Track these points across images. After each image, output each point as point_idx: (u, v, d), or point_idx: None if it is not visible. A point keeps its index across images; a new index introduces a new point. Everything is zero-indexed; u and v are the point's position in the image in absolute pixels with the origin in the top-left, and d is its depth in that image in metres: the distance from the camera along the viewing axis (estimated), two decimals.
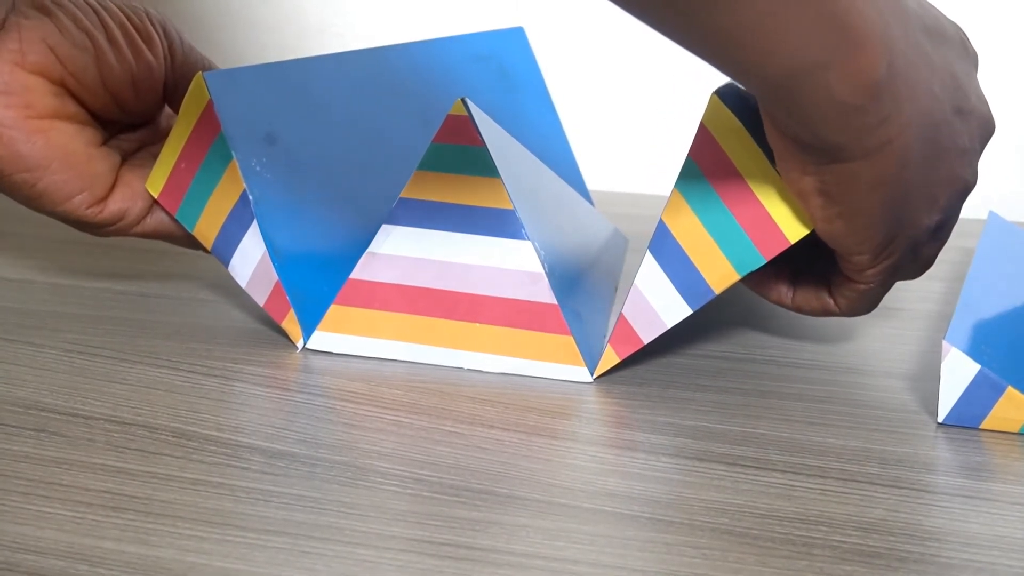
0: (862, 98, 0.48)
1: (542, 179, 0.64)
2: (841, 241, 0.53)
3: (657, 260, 0.55)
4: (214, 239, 0.61)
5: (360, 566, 0.42)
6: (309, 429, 0.52)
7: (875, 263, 0.53)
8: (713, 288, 0.55)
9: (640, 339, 0.56)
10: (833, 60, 0.47)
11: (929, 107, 0.51)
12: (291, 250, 0.60)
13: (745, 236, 0.54)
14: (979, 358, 0.52)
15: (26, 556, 0.42)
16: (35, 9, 0.59)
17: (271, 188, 0.60)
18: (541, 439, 0.52)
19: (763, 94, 0.49)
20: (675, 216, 0.55)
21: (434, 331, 0.57)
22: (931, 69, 0.51)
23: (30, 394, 0.54)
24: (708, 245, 0.54)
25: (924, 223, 0.53)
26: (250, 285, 0.60)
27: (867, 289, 0.55)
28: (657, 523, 0.45)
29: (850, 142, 0.49)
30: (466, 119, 0.56)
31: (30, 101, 0.59)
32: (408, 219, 0.57)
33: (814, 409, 0.55)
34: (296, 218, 0.61)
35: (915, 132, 0.50)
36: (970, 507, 0.47)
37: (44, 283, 0.68)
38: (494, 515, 0.45)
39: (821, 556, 0.43)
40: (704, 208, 0.54)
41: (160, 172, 0.62)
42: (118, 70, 0.61)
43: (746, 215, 0.54)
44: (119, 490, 0.46)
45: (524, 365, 0.57)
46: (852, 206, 0.51)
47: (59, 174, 0.60)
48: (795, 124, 0.50)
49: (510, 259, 0.56)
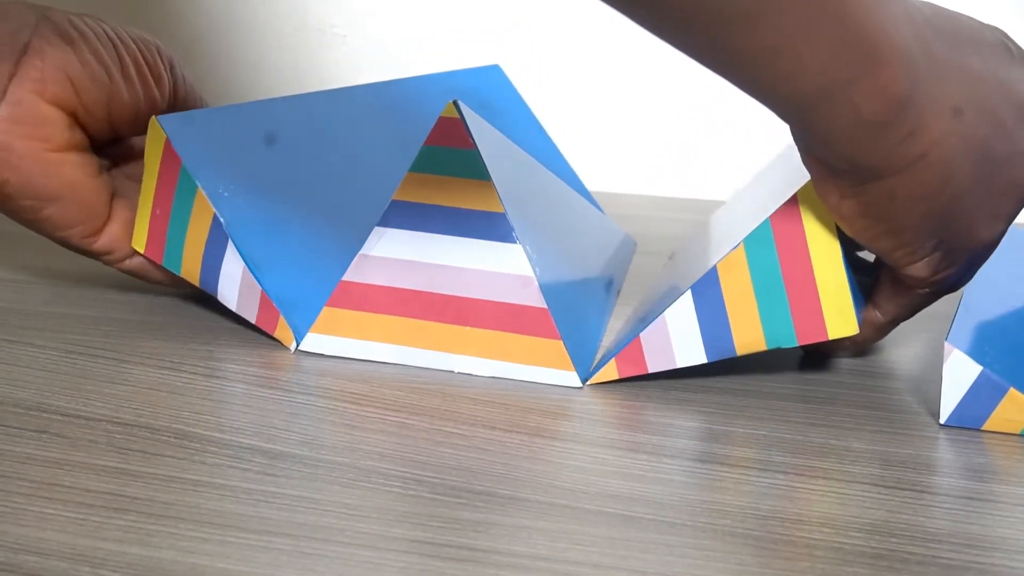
0: (887, 114, 0.48)
1: (539, 182, 0.64)
2: (894, 257, 0.53)
3: (695, 302, 0.55)
4: (199, 273, 0.61)
5: (362, 567, 0.42)
6: (311, 430, 0.52)
7: (934, 275, 0.53)
8: (736, 349, 0.55)
9: (646, 366, 0.56)
10: (856, 78, 0.47)
11: (974, 119, 0.50)
12: (270, 260, 0.60)
13: (789, 316, 0.54)
14: (981, 359, 0.51)
15: (28, 557, 0.42)
16: (59, 36, 0.60)
17: (241, 210, 0.61)
18: (543, 440, 0.52)
19: (789, 115, 0.49)
20: (730, 269, 0.55)
21: (425, 334, 0.57)
22: (970, 81, 0.50)
23: (32, 395, 0.54)
24: (750, 309, 0.55)
25: (983, 236, 0.53)
26: (239, 305, 0.60)
27: (922, 295, 0.55)
28: (659, 524, 0.45)
29: (879, 161, 0.49)
30: (458, 121, 0.56)
31: (49, 135, 0.60)
32: (400, 221, 0.57)
33: (816, 410, 0.55)
34: (271, 232, 0.61)
35: (956, 144, 0.49)
36: (972, 508, 0.47)
37: (46, 284, 0.68)
38: (496, 516, 0.45)
39: (823, 558, 0.43)
40: (761, 274, 0.54)
41: (140, 227, 0.63)
42: (127, 104, 0.62)
43: (798, 298, 0.54)
44: (121, 491, 0.46)
45: (514, 369, 0.57)
46: (897, 223, 0.51)
47: (66, 205, 0.61)
48: (822, 146, 0.50)
49: (501, 262, 0.56)
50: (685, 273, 0.61)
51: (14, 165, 0.59)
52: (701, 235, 0.72)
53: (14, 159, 0.59)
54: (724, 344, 0.55)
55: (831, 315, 0.54)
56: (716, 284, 0.55)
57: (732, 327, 0.55)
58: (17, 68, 0.59)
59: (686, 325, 0.55)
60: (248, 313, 0.60)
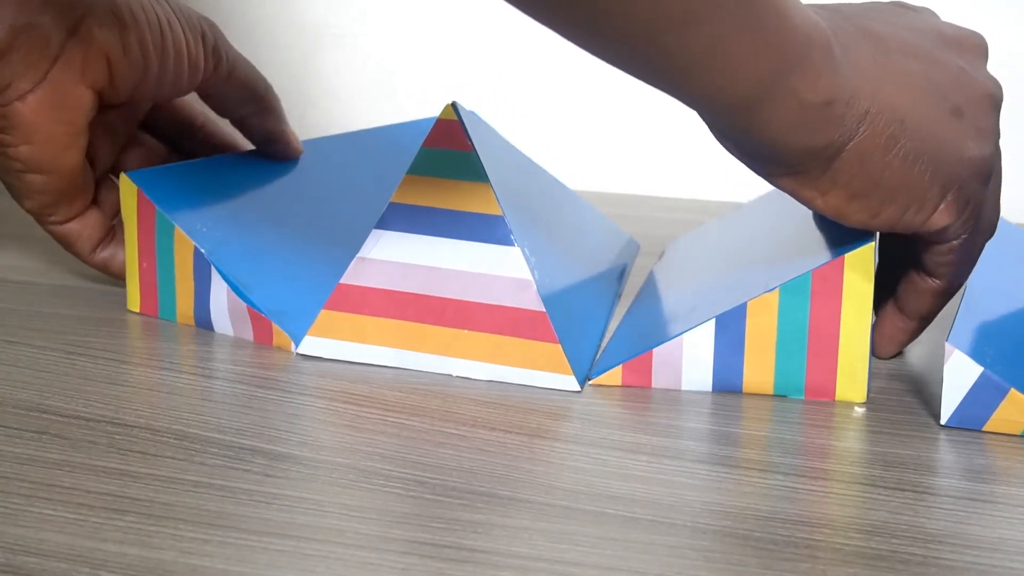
0: (828, 92, 0.49)
1: (537, 184, 0.64)
2: (908, 222, 0.53)
3: (716, 332, 0.55)
4: (192, 312, 0.62)
5: (362, 568, 0.42)
6: (311, 431, 0.52)
7: (959, 216, 0.53)
8: (744, 387, 0.56)
9: (651, 380, 0.56)
10: (791, 66, 0.48)
11: (900, 61, 0.52)
12: (255, 280, 0.60)
13: (803, 370, 0.55)
14: (982, 360, 0.51)
15: (27, 559, 0.42)
16: (111, 17, 0.60)
17: (221, 241, 0.62)
18: (543, 441, 0.52)
19: (733, 121, 0.50)
20: (759, 311, 0.55)
21: (423, 337, 0.57)
22: (883, 33, 0.52)
23: (32, 396, 0.54)
24: (767, 353, 0.55)
25: (978, 155, 0.53)
26: (234, 327, 0.61)
27: (959, 244, 0.54)
28: (659, 525, 0.45)
29: (832, 137, 0.50)
30: (455, 123, 0.56)
31: (75, 118, 0.60)
32: (398, 224, 0.57)
33: (817, 411, 0.55)
34: (253, 257, 0.62)
35: (893, 88, 0.51)
36: (973, 510, 0.47)
37: (46, 285, 0.68)
38: (496, 517, 0.45)
39: (824, 559, 0.43)
40: (789, 322, 0.54)
41: (132, 285, 0.64)
42: (151, 91, 0.63)
43: (817, 354, 0.55)
44: (121, 492, 0.46)
45: (512, 373, 0.57)
46: (884, 186, 0.51)
47: (61, 182, 0.61)
48: (772, 147, 0.50)
49: (499, 265, 0.56)
50: (699, 291, 0.61)
51: (33, 141, 0.60)
52: (701, 239, 0.72)
53: (38, 137, 0.60)
54: (732, 379, 0.56)
55: (844, 378, 0.55)
56: (742, 321, 0.55)
57: (745, 365, 0.55)
58: (63, 50, 0.59)
59: (701, 352, 0.55)
60: (244, 333, 0.60)
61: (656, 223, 0.82)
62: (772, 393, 0.55)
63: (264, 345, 0.60)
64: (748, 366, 0.55)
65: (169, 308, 0.62)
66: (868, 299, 0.54)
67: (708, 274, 0.64)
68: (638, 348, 0.56)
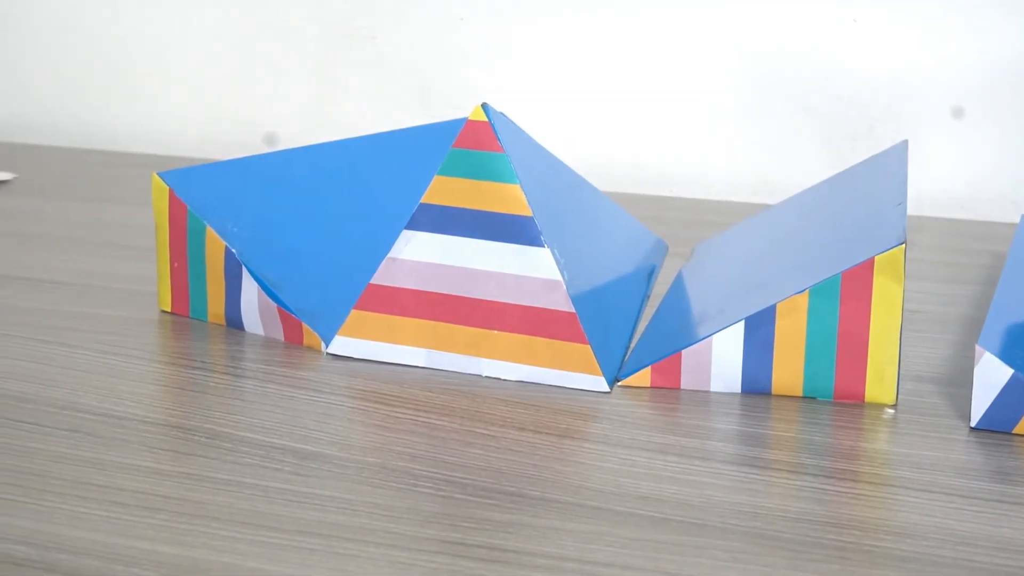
0: None
1: (567, 186, 0.64)
2: None
3: (746, 333, 0.55)
4: (223, 312, 0.62)
5: (392, 567, 0.42)
6: (341, 431, 0.52)
7: None
8: (772, 388, 0.56)
9: (680, 382, 0.56)
10: None
11: None
12: (285, 278, 0.61)
13: (832, 371, 0.55)
14: (1012, 362, 0.51)
15: (61, 556, 0.42)
16: None
17: (251, 242, 0.62)
18: (573, 442, 0.52)
19: None
20: (789, 312, 0.55)
21: (452, 337, 0.57)
22: None
23: (64, 395, 0.54)
24: (797, 355, 0.55)
25: None
26: (265, 327, 0.61)
27: None
28: (689, 526, 0.45)
29: None
30: (486, 124, 0.56)
31: None
32: (428, 224, 0.57)
33: (845, 413, 0.55)
34: (284, 256, 0.62)
35: None
36: (1002, 512, 0.47)
37: (78, 285, 0.68)
38: (526, 517, 0.45)
39: (854, 560, 0.43)
40: (818, 324, 0.54)
41: (163, 286, 0.64)
42: None
43: (847, 356, 0.55)
44: (153, 490, 0.46)
45: (541, 373, 0.57)
46: None
47: None
48: None
49: (528, 266, 0.56)
50: (729, 293, 0.61)
51: None
52: (730, 241, 0.72)
53: None
54: (762, 381, 0.56)
55: (873, 380, 0.55)
56: (771, 323, 0.55)
57: (775, 367, 0.55)
58: None
59: (730, 354, 0.55)
60: (275, 333, 0.61)
61: (685, 225, 0.82)
62: (801, 395, 0.55)
63: (294, 345, 0.60)
64: (777, 368, 0.55)
65: (200, 308, 0.63)
66: (898, 301, 0.54)
67: (737, 276, 0.63)
68: (667, 349, 0.57)
